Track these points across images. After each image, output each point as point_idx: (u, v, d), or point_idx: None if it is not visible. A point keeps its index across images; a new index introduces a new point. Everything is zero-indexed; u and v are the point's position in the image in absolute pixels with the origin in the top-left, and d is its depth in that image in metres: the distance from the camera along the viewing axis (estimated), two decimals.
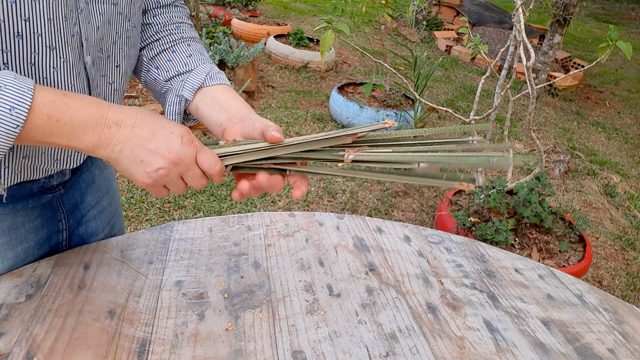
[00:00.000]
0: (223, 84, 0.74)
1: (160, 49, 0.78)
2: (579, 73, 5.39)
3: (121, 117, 0.55)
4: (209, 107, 0.71)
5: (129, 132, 0.55)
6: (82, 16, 0.62)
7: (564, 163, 3.43)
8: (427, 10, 7.00)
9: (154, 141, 0.55)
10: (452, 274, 0.88)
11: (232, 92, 0.74)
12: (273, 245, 0.89)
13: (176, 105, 0.73)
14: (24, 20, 0.55)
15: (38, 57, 0.57)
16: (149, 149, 0.55)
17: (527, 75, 1.88)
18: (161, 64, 0.77)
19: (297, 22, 6.66)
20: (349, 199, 2.76)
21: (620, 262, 2.60)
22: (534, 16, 9.46)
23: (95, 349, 0.63)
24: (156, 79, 0.77)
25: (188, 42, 0.79)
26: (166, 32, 0.79)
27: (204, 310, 0.72)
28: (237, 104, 0.71)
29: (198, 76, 0.73)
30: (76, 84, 0.64)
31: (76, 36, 0.62)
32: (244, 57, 3.69)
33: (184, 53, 0.77)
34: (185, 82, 0.73)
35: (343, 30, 2.26)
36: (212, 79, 0.73)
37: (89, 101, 0.54)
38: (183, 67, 0.75)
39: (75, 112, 0.53)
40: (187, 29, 0.81)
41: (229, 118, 0.69)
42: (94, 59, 0.66)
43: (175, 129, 0.57)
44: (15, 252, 0.73)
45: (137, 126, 0.55)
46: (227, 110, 0.70)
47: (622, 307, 0.85)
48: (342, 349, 0.68)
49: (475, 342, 0.73)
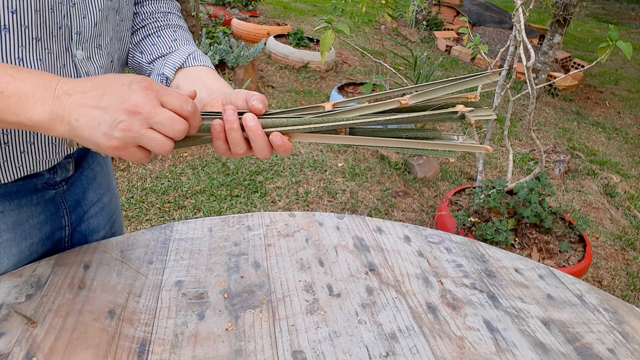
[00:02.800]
0: (206, 66, 0.72)
1: (144, 34, 0.77)
2: (579, 73, 5.39)
3: (72, 85, 0.50)
4: (190, 85, 0.68)
5: (79, 97, 0.49)
6: (75, 9, 0.61)
7: (564, 163, 3.43)
8: (427, 10, 7.00)
9: (105, 98, 0.49)
10: (452, 274, 0.88)
11: (215, 73, 0.71)
12: (273, 245, 0.89)
13: None
14: (11, 12, 0.54)
15: (25, 50, 0.57)
16: (102, 108, 0.49)
17: (527, 75, 1.88)
18: (145, 49, 0.76)
19: (297, 22, 6.66)
20: (349, 199, 2.76)
21: (620, 262, 2.60)
22: (534, 16, 9.46)
23: (95, 349, 0.63)
24: (140, 63, 0.77)
25: (174, 29, 0.78)
26: (152, 19, 0.78)
27: (204, 310, 0.72)
28: (221, 83, 0.68)
29: (180, 56, 0.72)
30: (61, 74, 0.63)
31: (64, 29, 0.61)
32: (244, 57, 3.69)
33: (169, 37, 0.76)
34: (166, 60, 0.72)
35: (343, 30, 2.26)
36: (195, 60, 0.72)
37: (38, 73, 0.50)
38: (167, 49, 0.75)
39: (20, 83, 0.49)
40: (174, 18, 0.80)
41: (210, 93, 0.64)
42: (91, 54, 0.66)
43: (128, 79, 0.50)
44: (20, 248, 0.74)
45: (88, 90, 0.50)
46: (209, 88, 0.66)
47: (622, 307, 0.85)
48: (342, 349, 0.68)
49: (475, 342, 0.73)
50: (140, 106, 0.48)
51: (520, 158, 3.52)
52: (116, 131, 0.49)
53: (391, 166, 3.15)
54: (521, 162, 3.48)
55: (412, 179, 3.04)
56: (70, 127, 0.50)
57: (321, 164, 3.06)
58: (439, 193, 2.96)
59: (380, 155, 3.25)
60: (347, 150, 3.31)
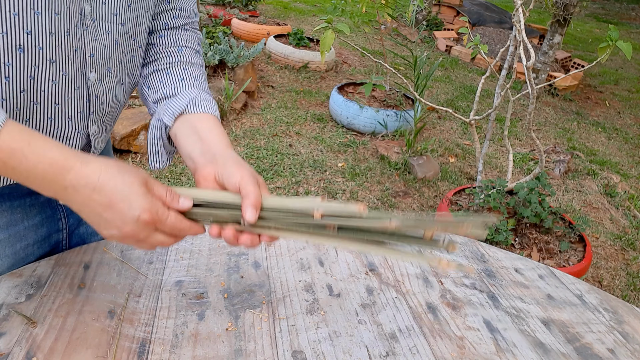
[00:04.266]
0: (207, 113, 0.70)
1: (155, 68, 0.76)
2: (579, 73, 5.39)
3: (81, 180, 0.51)
4: (185, 138, 0.68)
5: (86, 197, 0.52)
6: (88, 33, 0.62)
7: (564, 163, 3.43)
8: (427, 10, 7.00)
9: (110, 212, 0.52)
10: (452, 274, 0.88)
11: (212, 122, 0.69)
12: (273, 245, 0.89)
13: (157, 130, 0.71)
14: (26, 33, 0.55)
15: (38, 70, 0.58)
16: (105, 218, 0.53)
17: (527, 75, 1.88)
18: (152, 84, 0.75)
19: (297, 22, 6.66)
20: (349, 198, 2.76)
21: (620, 262, 2.60)
22: (534, 16, 9.46)
23: (95, 349, 0.63)
24: (147, 98, 0.76)
25: (185, 66, 0.76)
26: (166, 52, 0.77)
27: (204, 310, 0.72)
28: (216, 137, 0.67)
29: (180, 102, 0.70)
30: (74, 97, 0.64)
31: (79, 51, 0.62)
32: (244, 57, 3.69)
33: (177, 77, 0.75)
34: (167, 106, 0.71)
35: (343, 30, 2.26)
36: (195, 107, 0.70)
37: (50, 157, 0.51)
38: (171, 90, 0.73)
39: (32, 166, 0.50)
40: (189, 53, 0.78)
41: (202, 154, 0.65)
42: (101, 75, 0.67)
43: (136, 203, 0.52)
44: (14, 249, 0.73)
45: (97, 191, 0.52)
46: (202, 144, 0.66)
47: (622, 307, 0.85)
48: (342, 349, 0.68)
49: (475, 342, 0.73)
50: (137, 234, 0.54)
51: (520, 158, 3.52)
52: (111, 238, 0.55)
53: (391, 166, 3.15)
54: (521, 162, 3.48)
55: (412, 179, 3.04)
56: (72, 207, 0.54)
57: (321, 164, 3.06)
58: (439, 193, 2.96)
59: (381, 155, 3.25)
60: (347, 150, 3.31)
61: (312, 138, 3.40)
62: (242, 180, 0.58)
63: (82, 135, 0.69)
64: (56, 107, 0.62)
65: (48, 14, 0.56)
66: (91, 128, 0.70)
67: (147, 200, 0.53)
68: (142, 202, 0.53)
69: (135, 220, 0.53)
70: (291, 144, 3.28)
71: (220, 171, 0.61)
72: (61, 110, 0.63)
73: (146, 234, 0.54)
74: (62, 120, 0.64)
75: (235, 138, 3.22)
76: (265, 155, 3.07)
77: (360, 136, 3.52)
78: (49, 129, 0.64)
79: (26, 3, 0.53)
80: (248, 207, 0.56)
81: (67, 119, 0.65)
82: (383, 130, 3.50)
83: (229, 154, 0.64)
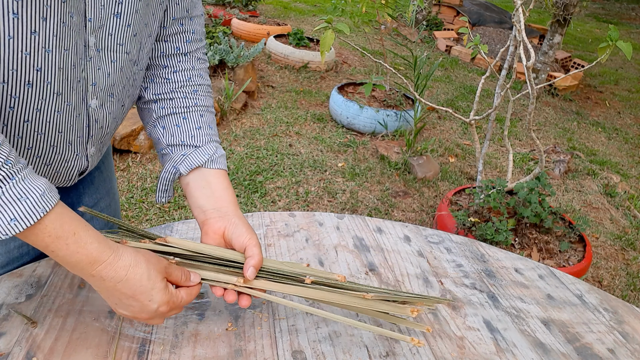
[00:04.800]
0: (221, 169, 0.75)
1: (171, 111, 0.77)
2: (579, 73, 5.39)
3: (110, 273, 0.56)
4: (199, 190, 0.72)
5: (111, 287, 0.56)
6: (92, 63, 0.63)
7: (564, 163, 3.43)
8: (427, 10, 7.00)
9: (131, 300, 0.58)
10: (452, 274, 0.88)
11: (226, 181, 0.74)
12: (273, 245, 0.89)
13: (170, 175, 0.75)
14: (36, 70, 0.55)
15: (45, 103, 0.58)
16: (124, 303, 0.58)
17: (527, 75, 1.88)
18: (168, 127, 0.76)
19: (297, 22, 6.66)
20: (349, 199, 2.76)
21: (620, 262, 2.60)
22: (534, 16, 9.46)
23: (95, 349, 0.63)
24: (159, 138, 0.77)
25: (201, 112, 0.78)
26: (182, 93, 0.77)
27: (204, 310, 0.72)
28: (228, 196, 0.72)
29: (200, 157, 0.73)
30: (75, 123, 0.65)
31: (82, 81, 0.63)
32: (244, 57, 3.69)
33: (194, 124, 0.76)
34: (185, 158, 0.73)
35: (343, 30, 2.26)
36: (212, 163, 0.74)
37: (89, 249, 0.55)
38: (189, 139, 0.75)
39: (70, 254, 0.54)
40: (204, 94, 0.79)
41: (215, 209, 0.71)
42: (103, 101, 0.67)
43: (157, 297, 0.58)
44: (7, 247, 0.74)
45: (122, 283, 0.56)
46: (215, 200, 0.71)
47: (622, 307, 0.85)
48: (342, 349, 0.68)
49: (475, 342, 0.73)
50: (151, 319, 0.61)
51: (520, 158, 3.52)
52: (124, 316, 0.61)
53: (391, 166, 3.15)
54: (521, 162, 3.48)
55: (412, 179, 3.04)
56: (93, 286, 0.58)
57: (321, 164, 3.07)
58: (439, 193, 2.96)
59: (381, 155, 3.25)
60: (347, 150, 3.31)
61: (312, 138, 3.40)
62: (249, 242, 0.67)
63: (81, 157, 0.70)
64: (59, 135, 0.63)
65: (58, 51, 0.56)
66: (89, 150, 0.71)
67: (166, 295, 0.60)
68: (162, 297, 0.59)
69: (154, 311, 0.59)
70: (291, 144, 3.28)
71: (232, 229, 0.69)
72: (63, 137, 0.64)
73: (159, 319, 0.62)
74: (63, 146, 0.65)
75: (235, 138, 3.22)
76: (265, 155, 3.07)
77: (360, 136, 3.52)
78: (50, 155, 0.64)
79: (38, 42, 0.53)
80: (250, 267, 0.65)
81: (68, 145, 0.66)
82: (383, 130, 3.50)
83: (240, 215, 0.71)
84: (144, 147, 2.84)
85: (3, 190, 0.48)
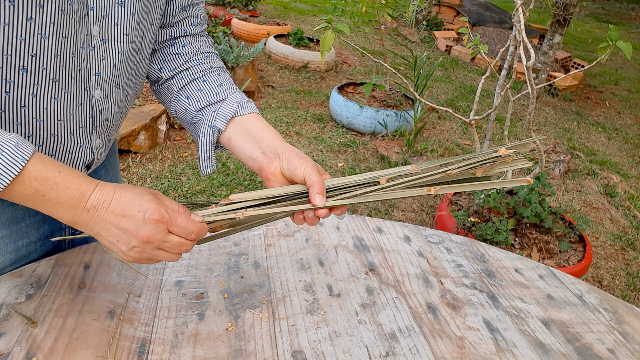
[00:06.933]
0: (254, 113, 0.75)
1: (190, 78, 0.78)
2: (579, 73, 5.39)
3: (100, 199, 0.56)
4: (241, 140, 0.73)
5: (103, 213, 0.56)
6: (95, 53, 0.63)
7: (564, 163, 3.43)
8: (427, 10, 7.00)
9: (124, 221, 0.57)
10: (452, 274, 0.88)
11: (262, 121, 0.75)
12: (273, 245, 0.89)
13: (209, 136, 0.75)
14: (31, 56, 0.55)
15: (40, 88, 0.59)
16: (121, 229, 0.57)
17: (527, 75, 1.88)
18: (192, 93, 0.78)
19: (297, 22, 6.66)
20: None
21: (620, 262, 2.60)
22: (534, 16, 9.46)
23: (95, 349, 0.63)
24: (187, 108, 0.78)
25: (218, 72, 0.80)
26: (196, 61, 0.79)
27: (204, 310, 0.72)
28: (269, 134, 0.72)
29: (230, 106, 0.74)
30: (77, 113, 0.65)
31: (84, 70, 0.63)
32: (244, 57, 3.69)
33: (215, 82, 0.77)
34: (217, 112, 0.74)
35: (343, 30, 2.26)
36: (243, 108, 0.74)
37: (78, 182, 0.56)
38: (214, 96, 0.76)
39: (61, 192, 0.54)
40: (215, 58, 0.82)
41: (264, 153, 0.70)
42: (108, 92, 0.68)
43: (145, 205, 0.57)
44: (16, 245, 0.74)
45: (112, 206, 0.57)
46: (260, 143, 0.71)
47: (622, 307, 0.85)
48: (342, 349, 0.68)
49: (475, 342, 0.73)
50: (152, 237, 0.57)
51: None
52: (131, 252, 0.58)
53: (391, 166, 3.15)
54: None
55: None
56: (92, 233, 0.58)
57: (321, 164, 3.07)
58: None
59: (381, 155, 3.25)
60: (347, 150, 3.31)
61: (312, 138, 3.40)
62: (305, 171, 0.65)
63: (86, 149, 0.70)
64: (59, 123, 0.63)
65: (55, 38, 0.56)
66: (95, 142, 0.72)
67: (155, 202, 0.58)
68: (151, 204, 0.57)
69: (145, 221, 0.57)
70: (291, 144, 3.28)
71: (286, 166, 0.67)
72: (64, 126, 0.64)
73: (161, 236, 0.58)
74: (65, 135, 0.65)
75: None
76: None
77: (360, 136, 3.52)
78: (53, 144, 0.65)
79: (34, 29, 0.54)
80: (316, 195, 0.63)
81: (70, 135, 0.66)
82: (383, 130, 3.50)
83: (288, 148, 0.69)
84: (144, 147, 2.84)
85: None
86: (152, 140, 2.90)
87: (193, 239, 0.61)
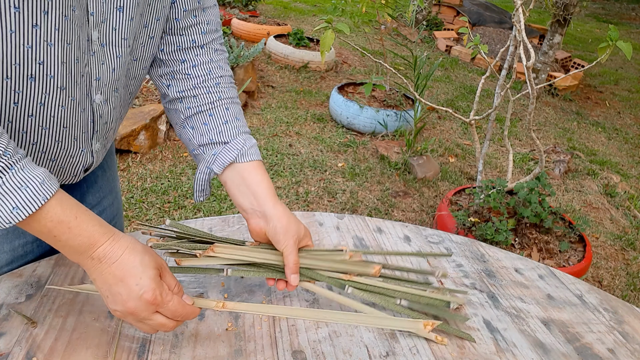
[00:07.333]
0: (254, 161, 0.75)
1: (197, 110, 0.76)
2: (579, 73, 5.39)
3: (107, 253, 0.57)
4: (235, 188, 0.74)
5: (105, 268, 0.57)
6: (95, 58, 0.63)
7: (564, 163, 3.43)
8: (427, 10, 7.00)
9: (119, 285, 0.57)
10: (452, 274, 0.88)
11: (260, 171, 0.75)
12: None
13: (205, 175, 0.76)
14: (38, 64, 0.55)
15: (48, 97, 0.59)
16: (113, 291, 0.57)
17: (527, 75, 1.88)
18: (197, 126, 0.77)
19: (297, 22, 6.66)
20: (349, 199, 2.76)
21: (620, 262, 2.60)
22: (534, 16, 9.46)
23: (95, 349, 0.63)
24: (190, 139, 0.78)
25: (226, 106, 0.77)
26: (205, 89, 0.76)
27: (204, 310, 0.72)
28: (263, 191, 0.73)
29: (230, 153, 0.74)
30: (80, 118, 0.65)
31: (86, 76, 0.63)
32: (244, 57, 3.69)
33: (221, 119, 0.76)
34: (217, 156, 0.74)
35: (343, 30, 2.26)
36: (243, 156, 0.74)
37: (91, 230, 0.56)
38: (217, 135, 0.75)
39: (73, 237, 0.55)
40: (226, 85, 0.79)
41: (254, 210, 0.73)
42: (107, 97, 0.68)
43: (144, 282, 0.57)
44: (12, 245, 0.74)
45: (115, 265, 0.57)
46: (252, 199, 0.73)
47: (622, 307, 0.85)
48: (342, 349, 0.68)
49: (475, 342, 0.73)
50: (137, 312, 0.58)
51: (520, 158, 3.52)
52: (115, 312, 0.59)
53: (391, 166, 3.15)
54: (521, 162, 3.48)
55: (412, 179, 3.04)
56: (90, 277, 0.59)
57: (321, 164, 3.07)
58: (439, 193, 2.96)
59: (381, 155, 3.25)
60: (347, 150, 3.31)
61: (312, 138, 3.40)
62: (285, 249, 0.70)
63: (86, 153, 0.70)
64: (64, 130, 0.64)
65: (60, 45, 0.56)
66: (94, 146, 0.72)
67: (154, 283, 0.58)
68: (150, 283, 0.58)
69: (138, 297, 0.57)
70: (291, 144, 3.28)
71: (270, 233, 0.71)
72: (69, 132, 0.65)
73: (146, 314, 0.58)
74: (68, 141, 0.65)
75: None
76: (265, 155, 3.07)
77: (360, 136, 3.52)
78: (55, 150, 0.65)
79: (39, 36, 0.54)
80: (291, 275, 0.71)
81: (73, 140, 0.66)
82: (383, 130, 3.50)
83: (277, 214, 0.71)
84: (144, 147, 2.84)
85: (3, 180, 0.49)
86: (152, 140, 2.90)
87: (179, 321, 0.62)
